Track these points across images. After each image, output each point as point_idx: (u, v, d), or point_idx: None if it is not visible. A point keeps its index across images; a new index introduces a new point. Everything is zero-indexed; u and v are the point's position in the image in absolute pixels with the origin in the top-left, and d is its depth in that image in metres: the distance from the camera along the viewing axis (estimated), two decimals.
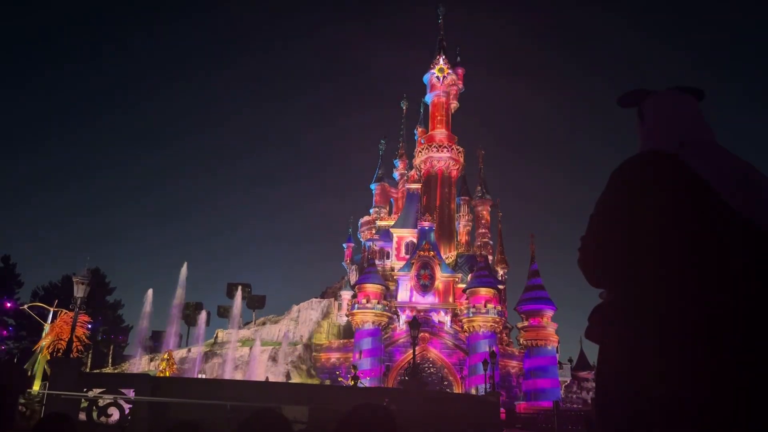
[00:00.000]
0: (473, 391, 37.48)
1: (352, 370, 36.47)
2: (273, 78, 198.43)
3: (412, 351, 21.46)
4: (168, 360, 26.91)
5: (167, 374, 25.73)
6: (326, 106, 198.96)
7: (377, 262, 48.45)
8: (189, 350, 46.61)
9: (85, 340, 20.37)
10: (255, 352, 44.33)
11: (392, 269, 48.10)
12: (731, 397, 1.34)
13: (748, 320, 1.39)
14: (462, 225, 56.29)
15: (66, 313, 20.55)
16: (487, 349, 37.56)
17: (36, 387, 15.40)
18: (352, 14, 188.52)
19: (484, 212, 55.78)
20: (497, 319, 42.79)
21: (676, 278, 1.47)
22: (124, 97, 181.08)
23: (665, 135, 1.81)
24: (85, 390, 11.13)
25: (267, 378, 37.96)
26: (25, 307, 20.91)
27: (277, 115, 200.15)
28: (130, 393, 11.31)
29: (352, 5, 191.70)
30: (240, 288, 50.62)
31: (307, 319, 49.51)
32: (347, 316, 45.46)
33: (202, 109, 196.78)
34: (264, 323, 51.34)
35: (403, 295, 45.38)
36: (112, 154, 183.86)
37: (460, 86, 59.09)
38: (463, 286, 45.63)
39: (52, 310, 20.79)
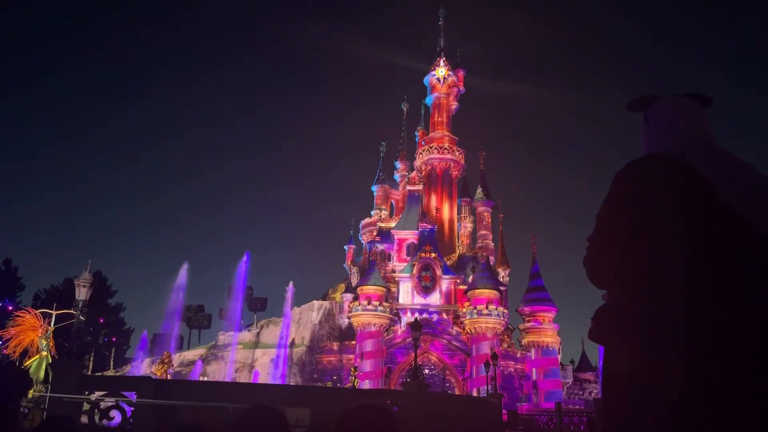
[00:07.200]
0: (475, 393, 37.47)
1: (353, 372, 36.46)
2: (273, 80, 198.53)
3: (413, 353, 21.43)
4: (164, 362, 26.69)
5: (159, 374, 25.51)
6: (327, 108, 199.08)
7: (378, 263, 48.44)
8: (190, 352, 46.65)
9: (35, 343, 19.51)
10: (256, 354, 44.36)
11: (393, 271, 48.05)
12: (741, 401, 1.33)
13: (759, 325, 1.38)
14: (463, 226, 56.29)
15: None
16: (489, 351, 37.54)
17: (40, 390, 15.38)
18: (353, 16, 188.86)
19: (485, 213, 55.77)
20: (499, 321, 42.79)
21: (683, 282, 1.46)
22: (122, 98, 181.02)
23: (671, 139, 1.83)
24: (86, 393, 11.13)
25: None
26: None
27: (277, 116, 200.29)
28: (132, 396, 11.30)
29: (353, 7, 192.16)
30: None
31: (308, 321, 49.52)
32: (348, 318, 45.44)
33: (202, 110, 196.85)
34: (266, 325, 51.35)
35: (404, 296, 45.37)
36: (113, 157, 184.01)
37: (461, 88, 59.14)
38: (465, 287, 45.61)
39: (54, 313, 20.70)
